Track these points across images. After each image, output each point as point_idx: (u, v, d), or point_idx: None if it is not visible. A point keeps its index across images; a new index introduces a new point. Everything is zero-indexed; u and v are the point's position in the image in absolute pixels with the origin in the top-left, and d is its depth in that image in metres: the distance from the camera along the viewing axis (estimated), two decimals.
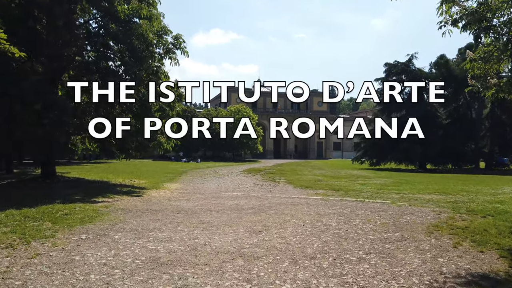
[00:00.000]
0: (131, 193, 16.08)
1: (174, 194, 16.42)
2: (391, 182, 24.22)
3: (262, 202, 13.82)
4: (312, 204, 13.10)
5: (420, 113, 43.97)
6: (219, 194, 16.70)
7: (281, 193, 17.34)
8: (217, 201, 14.13)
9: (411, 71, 46.18)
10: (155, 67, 18.11)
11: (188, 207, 12.39)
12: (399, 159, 44.36)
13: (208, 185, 21.82)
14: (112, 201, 13.48)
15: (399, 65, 46.53)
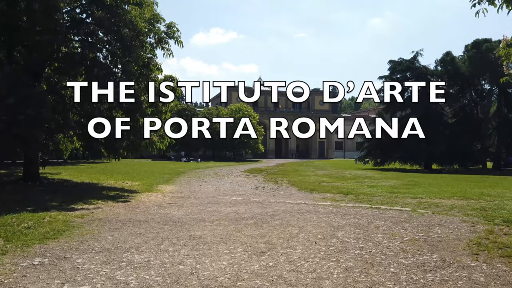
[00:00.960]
0: (118, 197, 14.24)
1: (166, 198, 14.58)
2: (400, 184, 22.36)
3: (264, 209, 11.96)
4: (322, 213, 11.23)
5: (424, 112, 42.30)
6: (216, 198, 14.86)
7: (285, 197, 15.49)
8: (213, 207, 12.28)
9: (416, 69, 44.23)
10: (146, 58, 16.27)
11: (178, 216, 10.54)
12: (404, 159, 42.43)
13: (205, 187, 19.98)
14: (93, 208, 11.63)
15: (404, 62, 44.61)
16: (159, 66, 16.55)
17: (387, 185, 21.33)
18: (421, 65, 44.57)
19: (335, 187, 19.55)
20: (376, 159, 43.57)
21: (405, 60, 44.63)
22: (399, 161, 43.24)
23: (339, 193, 16.72)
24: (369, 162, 44.33)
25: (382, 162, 43.43)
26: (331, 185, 20.97)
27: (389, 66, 45.46)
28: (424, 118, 42.33)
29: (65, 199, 12.97)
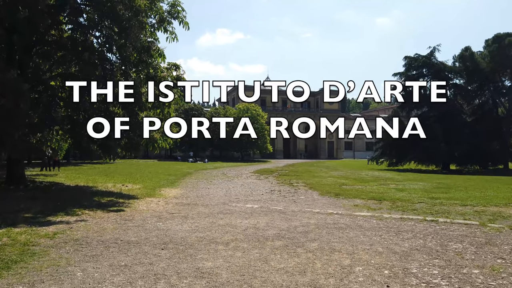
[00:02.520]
0: (111, 205, 11.60)
1: (168, 206, 11.93)
2: (431, 186, 19.57)
3: (290, 222, 9.27)
4: (367, 228, 8.51)
5: (442, 110, 39.43)
6: (228, 206, 12.20)
7: (309, 204, 12.79)
8: (225, 219, 9.61)
9: (433, 65, 41.25)
10: (147, 42, 13.66)
11: (181, 233, 7.87)
12: (421, 159, 39.41)
13: (214, 191, 17.34)
14: (75, 221, 9.00)
15: (420, 58, 41.63)
16: (162, 52, 13.94)
17: (417, 188, 18.58)
18: (438, 61, 41.61)
19: (361, 191, 16.82)
20: (391, 159, 40.67)
21: (422, 56, 41.65)
22: (415, 161, 40.27)
23: (370, 199, 14.01)
24: (383, 163, 41.41)
25: (397, 163, 40.55)
26: (354, 189, 18.25)
27: (405, 62, 42.50)
28: (443, 116, 39.61)
29: (45, 208, 10.37)
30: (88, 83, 12.36)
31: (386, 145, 41.45)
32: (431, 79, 42.35)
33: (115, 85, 13.10)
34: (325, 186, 19.81)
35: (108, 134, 12.98)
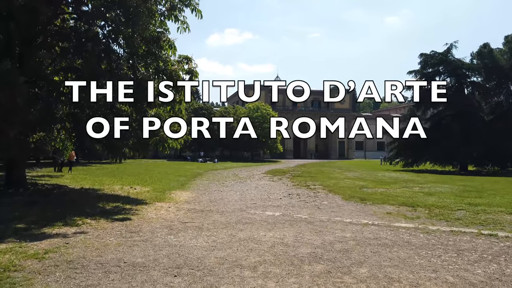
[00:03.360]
0: (117, 212, 10.28)
1: (180, 213, 10.58)
2: (459, 190, 18.01)
3: (323, 235, 7.85)
4: (418, 246, 7.04)
5: (460, 109, 37.64)
6: (246, 213, 10.82)
7: (335, 211, 11.37)
8: (246, 231, 8.23)
9: (450, 62, 39.40)
10: (156, 32, 12.33)
11: (198, 252, 6.49)
12: (438, 159, 37.63)
13: (228, 194, 16.00)
14: (73, 233, 7.67)
15: (437, 55, 39.85)
16: (172, 43, 12.60)
17: (445, 192, 17.05)
18: (455, 58, 39.80)
19: (387, 196, 15.35)
20: (406, 160, 38.98)
21: (438, 53, 39.85)
22: (432, 161, 38.50)
23: (401, 205, 12.54)
24: (399, 163, 39.70)
25: (412, 163, 38.86)
26: (378, 192, 16.78)
27: (420, 60, 40.72)
28: (460, 115, 37.86)
29: (41, 217, 9.07)
30: (88, 82, 11.12)
31: (401, 145, 39.74)
32: (447, 76, 40.62)
33: (122, 79, 11.80)
34: (345, 189, 18.37)
35: (112, 133, 11.66)
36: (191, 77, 12.40)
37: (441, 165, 38.51)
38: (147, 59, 12.54)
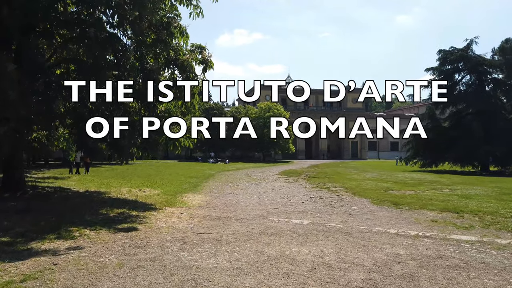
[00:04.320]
0: (122, 220, 8.85)
1: (194, 221, 9.11)
2: (495, 192, 16.34)
3: (371, 252, 6.31)
4: (500, 269, 5.43)
5: (481, 107, 35.67)
6: (269, 220, 9.32)
7: (370, 218, 9.81)
8: (274, 245, 6.72)
9: (470, 59, 37.41)
10: (166, 17, 10.90)
11: (219, 277, 4.96)
12: (460, 159, 35.64)
13: (244, 197, 14.53)
14: (67, 249, 6.25)
15: (456, 51, 37.91)
16: (184, 30, 11.15)
17: (481, 195, 15.40)
18: (476, 54, 37.81)
19: (419, 199, 13.72)
20: (425, 160, 37.07)
21: (458, 49, 37.95)
22: (452, 162, 36.53)
23: (442, 211, 10.93)
24: (417, 163, 37.81)
25: (431, 163, 36.93)
26: (408, 195, 15.15)
27: (439, 56, 38.80)
28: (482, 112, 35.88)
29: (32, 227, 7.67)
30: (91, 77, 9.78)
31: (419, 145, 37.86)
32: (467, 73, 38.69)
33: (129, 70, 10.42)
34: (369, 191, 16.77)
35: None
36: (205, 68, 10.93)
37: (461, 166, 36.56)
38: (156, 48, 11.10)
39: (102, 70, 10.40)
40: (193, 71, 10.91)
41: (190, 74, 10.81)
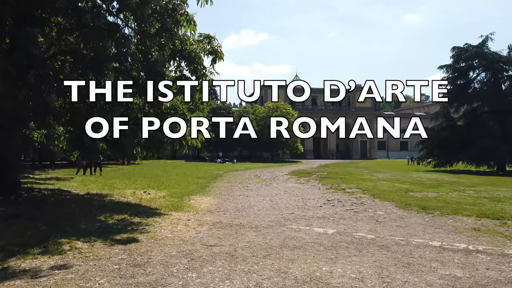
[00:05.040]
0: (121, 229, 7.71)
1: (203, 229, 7.96)
2: None
3: (420, 273, 5.08)
4: None
5: (498, 105, 34.15)
6: (288, 228, 8.14)
7: (401, 225, 8.59)
8: (300, 263, 5.54)
9: (486, 56, 35.85)
10: (171, 4, 9.75)
11: None
12: (476, 159, 34.07)
13: (256, 199, 13.36)
14: (49, 268, 5.11)
15: (471, 48, 36.40)
16: (191, 18, 9.98)
17: (506, 196, 14.09)
18: (492, 51, 36.26)
19: (448, 202, 12.46)
20: (439, 160, 35.60)
21: (473, 46, 36.44)
22: (468, 161, 34.98)
23: (480, 216, 9.69)
24: (431, 163, 36.35)
25: (445, 163, 35.45)
26: (432, 198, 13.88)
27: (452, 53, 37.35)
28: (498, 111, 34.38)
29: (17, 238, 6.55)
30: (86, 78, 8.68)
31: (434, 145, 36.41)
32: (482, 71, 37.18)
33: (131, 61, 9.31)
34: (389, 193, 15.53)
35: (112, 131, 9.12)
36: (214, 59, 9.76)
37: (476, 165, 35.03)
38: (161, 38, 9.96)
39: (102, 62, 9.29)
40: (201, 62, 9.76)
41: (198, 66, 9.65)
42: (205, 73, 9.95)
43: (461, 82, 37.51)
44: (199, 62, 9.81)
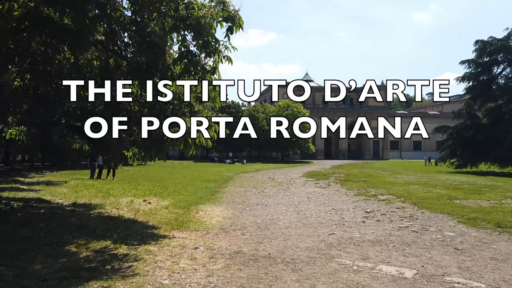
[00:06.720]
0: (94, 271, 5.02)
1: (217, 267, 5.28)
2: None
3: None
4: None
5: None
6: (340, 266, 5.43)
7: (492, 255, 5.94)
8: None
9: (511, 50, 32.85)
10: None
11: None
12: (504, 160, 30.88)
13: (277, 210, 10.70)
14: None
15: (496, 42, 33.35)
16: (199, 4, 7.25)
17: None
18: None
19: None
20: (463, 160, 32.53)
21: (498, 40, 33.41)
22: (495, 162, 31.81)
23: None
24: (454, 163, 33.29)
25: (469, 164, 32.35)
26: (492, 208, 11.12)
27: (476, 47, 34.29)
28: None
29: None
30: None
31: (457, 145, 33.39)
32: (507, 66, 34.12)
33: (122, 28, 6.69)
34: (431, 201, 12.81)
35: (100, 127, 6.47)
36: (230, 28, 7.03)
37: (502, 166, 31.85)
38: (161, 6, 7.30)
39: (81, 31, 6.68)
40: (213, 34, 7.10)
41: (208, 38, 6.99)
42: (218, 48, 7.24)
43: (483, 78, 34.50)
44: (210, 33, 7.14)
